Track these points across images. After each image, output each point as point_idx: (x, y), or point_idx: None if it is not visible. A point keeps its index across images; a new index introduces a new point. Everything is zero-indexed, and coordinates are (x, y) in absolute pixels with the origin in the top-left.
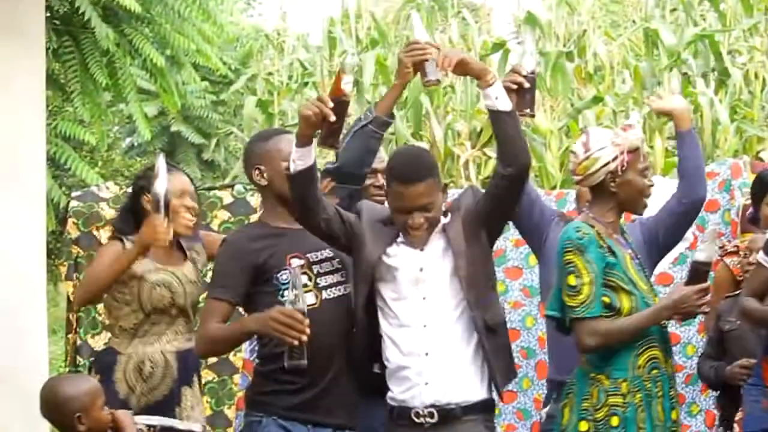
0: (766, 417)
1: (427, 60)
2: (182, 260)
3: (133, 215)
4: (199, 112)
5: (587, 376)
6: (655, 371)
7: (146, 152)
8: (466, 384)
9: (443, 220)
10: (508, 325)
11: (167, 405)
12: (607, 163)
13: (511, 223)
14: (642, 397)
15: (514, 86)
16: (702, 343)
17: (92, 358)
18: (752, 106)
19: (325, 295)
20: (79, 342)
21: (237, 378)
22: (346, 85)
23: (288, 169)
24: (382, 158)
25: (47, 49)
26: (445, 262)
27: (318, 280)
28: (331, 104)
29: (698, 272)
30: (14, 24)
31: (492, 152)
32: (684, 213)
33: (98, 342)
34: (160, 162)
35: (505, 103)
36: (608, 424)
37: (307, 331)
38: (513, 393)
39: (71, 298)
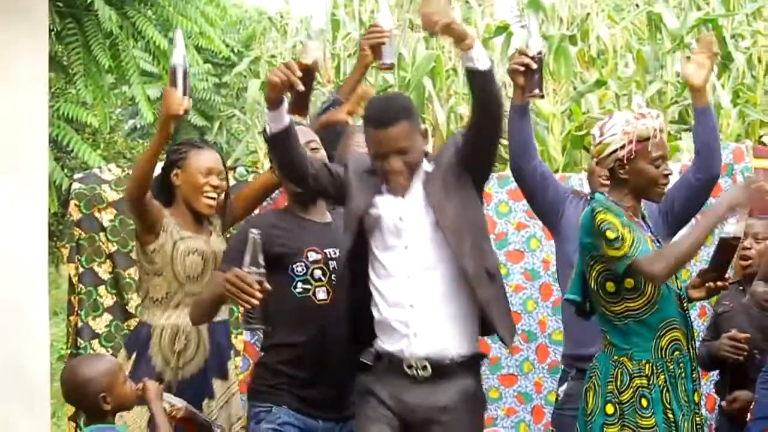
0: None
1: (383, 44)
2: (208, 232)
3: (164, 191)
4: (201, 94)
5: (610, 359)
6: (677, 353)
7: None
8: (456, 337)
9: (426, 168)
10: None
11: (199, 387)
12: (615, 150)
13: (511, 205)
14: (666, 378)
15: (522, 68)
16: (703, 328)
17: (126, 337)
18: (755, 91)
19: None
20: (80, 324)
21: (238, 360)
22: (314, 52)
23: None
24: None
25: (50, 31)
26: (427, 212)
27: (333, 277)
28: (299, 72)
29: (727, 246)
30: (18, 6)
31: None
32: (699, 188)
33: (99, 324)
34: (178, 35)
35: (485, 63)
36: (638, 404)
37: (258, 295)
38: (513, 376)
39: (73, 280)
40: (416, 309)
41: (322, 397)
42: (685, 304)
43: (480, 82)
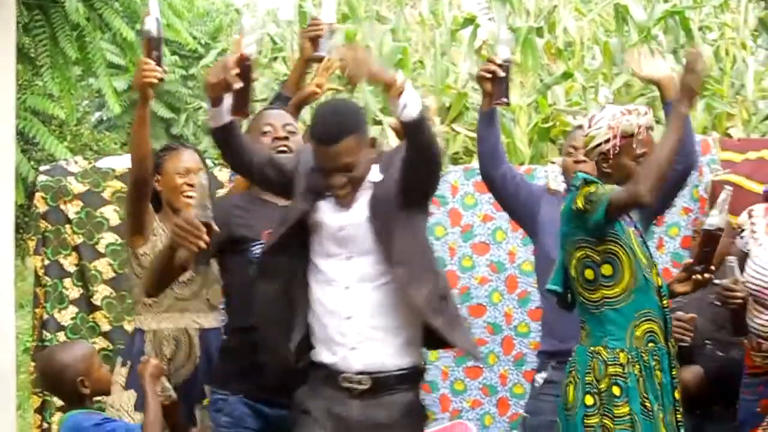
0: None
1: (320, 36)
2: None
3: (152, 200)
4: (168, 86)
5: (587, 350)
6: (651, 344)
7: (115, 126)
8: (395, 350)
9: (374, 178)
10: (475, 301)
11: (191, 393)
12: (600, 144)
13: (477, 197)
14: (641, 368)
15: (489, 75)
16: None
17: (121, 348)
18: (722, 83)
19: None
20: (45, 316)
21: None
22: (248, 47)
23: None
24: None
25: (17, 23)
26: (371, 225)
27: None
28: (234, 70)
29: (711, 238)
30: None
31: (460, 127)
32: (677, 177)
33: (65, 317)
34: (152, 2)
35: (414, 109)
36: (611, 393)
37: (205, 238)
38: (479, 369)
39: (38, 273)
40: (353, 321)
41: (277, 383)
42: (665, 301)
43: (411, 131)
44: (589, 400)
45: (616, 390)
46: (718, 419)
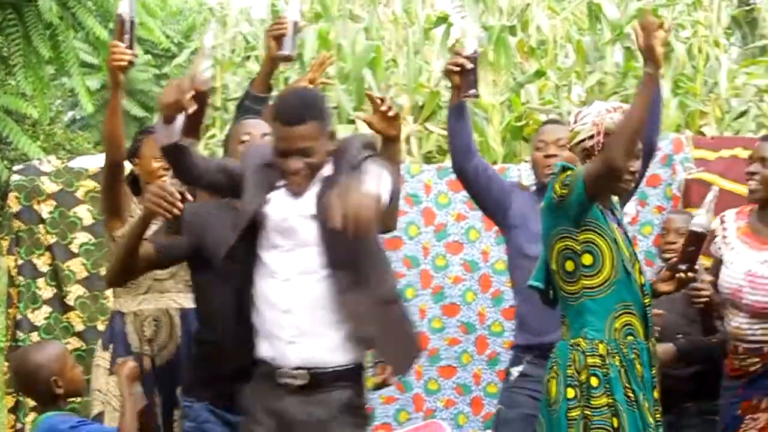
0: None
1: (284, 35)
2: None
3: (131, 183)
4: (141, 85)
5: (567, 344)
6: (630, 337)
7: (88, 126)
8: (335, 346)
9: (326, 172)
10: (448, 300)
11: (174, 374)
12: (584, 140)
13: (451, 196)
14: (621, 360)
15: (457, 68)
16: None
17: (105, 331)
18: (695, 81)
19: None
20: (19, 316)
21: None
22: (205, 71)
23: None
24: None
25: None
26: (316, 219)
27: None
28: (189, 93)
29: (696, 238)
30: None
31: (433, 126)
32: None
33: (38, 317)
34: None
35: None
36: (589, 384)
37: (179, 205)
38: (453, 368)
39: (12, 273)
40: (292, 314)
41: (239, 389)
42: (647, 299)
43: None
44: (570, 393)
45: (594, 381)
46: (693, 417)
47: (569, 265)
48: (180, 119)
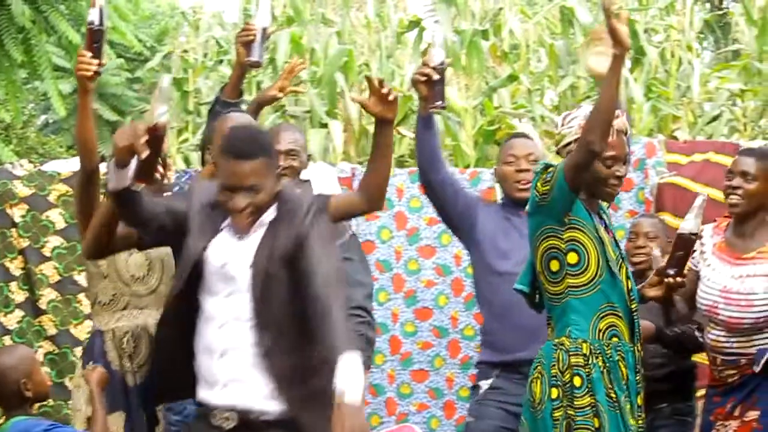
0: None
1: (252, 42)
2: None
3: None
4: (114, 89)
5: (552, 344)
6: (615, 339)
7: (61, 130)
8: (266, 395)
9: (270, 215)
10: (421, 304)
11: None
12: (570, 143)
13: (423, 200)
14: (604, 360)
15: (423, 78)
16: None
17: (83, 349)
18: (668, 85)
19: None
20: None
21: (78, 350)
22: (161, 116)
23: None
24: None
25: None
26: (254, 265)
27: None
28: (143, 138)
29: (685, 242)
30: None
31: (406, 131)
32: None
33: (11, 320)
34: None
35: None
36: (572, 384)
37: (145, 148)
38: (425, 372)
39: None
40: (226, 359)
41: None
42: (634, 304)
43: None
44: (554, 393)
45: (577, 380)
46: (666, 417)
47: (554, 265)
48: (133, 164)
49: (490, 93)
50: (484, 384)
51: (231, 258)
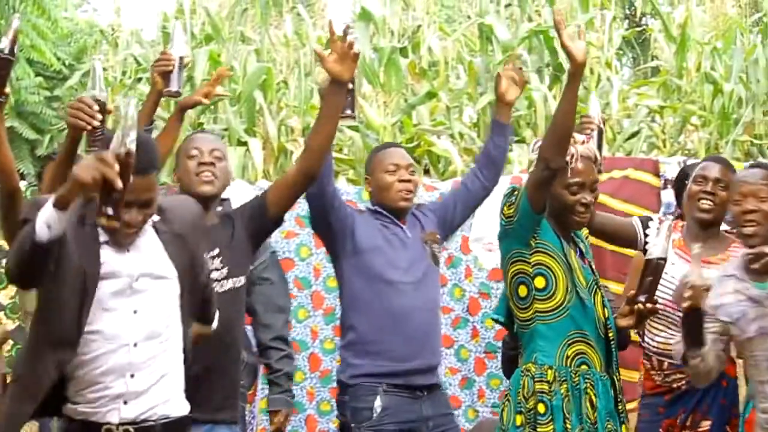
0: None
1: (170, 71)
2: None
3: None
4: (32, 107)
5: (520, 370)
6: (584, 366)
7: None
8: (170, 400)
9: (154, 220)
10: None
11: None
12: None
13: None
14: (568, 388)
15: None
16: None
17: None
18: (587, 102)
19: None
20: None
21: None
22: (132, 143)
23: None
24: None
25: None
26: (166, 275)
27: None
28: (116, 169)
29: (653, 268)
30: None
31: None
32: (484, 196)
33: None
34: (14, 21)
35: None
36: (536, 411)
37: (98, 116)
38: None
39: None
40: (137, 378)
41: (192, 395)
42: (610, 333)
43: None
44: (518, 420)
45: (541, 407)
46: None
47: (522, 290)
48: (73, 207)
49: (408, 110)
50: (377, 407)
51: (136, 271)
